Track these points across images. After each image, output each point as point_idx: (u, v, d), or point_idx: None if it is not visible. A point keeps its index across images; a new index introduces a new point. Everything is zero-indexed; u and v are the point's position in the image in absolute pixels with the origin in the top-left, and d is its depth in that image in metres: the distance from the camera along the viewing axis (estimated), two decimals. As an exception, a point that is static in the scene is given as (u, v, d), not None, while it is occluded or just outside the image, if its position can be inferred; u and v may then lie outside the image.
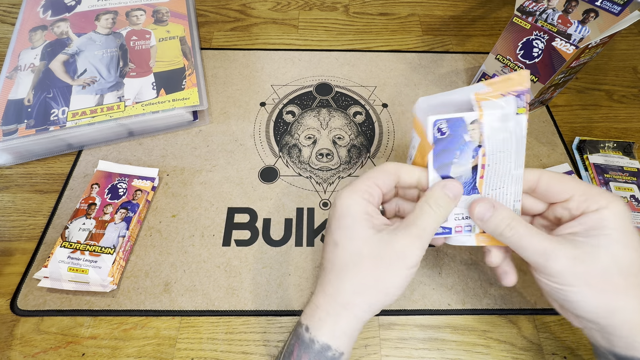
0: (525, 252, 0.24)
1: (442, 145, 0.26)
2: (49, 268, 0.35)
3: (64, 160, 0.45)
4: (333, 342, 0.26)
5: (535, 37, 0.42)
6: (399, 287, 0.26)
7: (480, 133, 0.25)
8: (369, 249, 0.25)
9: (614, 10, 0.36)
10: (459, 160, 0.26)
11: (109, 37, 0.50)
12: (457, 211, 0.28)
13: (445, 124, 0.25)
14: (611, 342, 0.24)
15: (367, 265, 0.25)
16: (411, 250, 0.25)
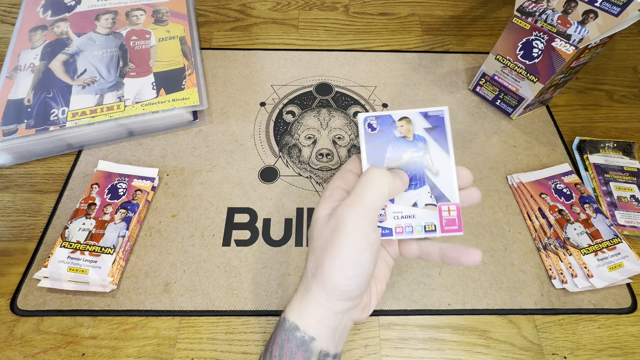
0: None
1: (373, 140, 0.27)
2: (48, 268, 0.35)
3: (63, 160, 0.45)
4: (300, 322, 0.26)
5: (535, 37, 0.42)
6: (345, 268, 0.24)
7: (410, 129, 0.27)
8: (317, 230, 0.25)
9: (613, 11, 0.36)
10: (391, 155, 0.27)
11: (109, 37, 0.50)
12: (396, 209, 0.26)
13: (374, 120, 0.27)
14: None
15: (316, 247, 0.25)
16: (347, 220, 0.23)
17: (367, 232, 0.24)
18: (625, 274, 0.37)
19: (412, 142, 0.27)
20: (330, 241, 0.24)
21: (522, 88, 0.46)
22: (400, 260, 0.39)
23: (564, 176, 0.43)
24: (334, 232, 0.24)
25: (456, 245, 0.26)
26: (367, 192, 0.24)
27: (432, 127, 0.27)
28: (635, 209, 0.42)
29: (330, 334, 0.26)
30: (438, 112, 0.27)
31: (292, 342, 0.26)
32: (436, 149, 0.27)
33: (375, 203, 0.24)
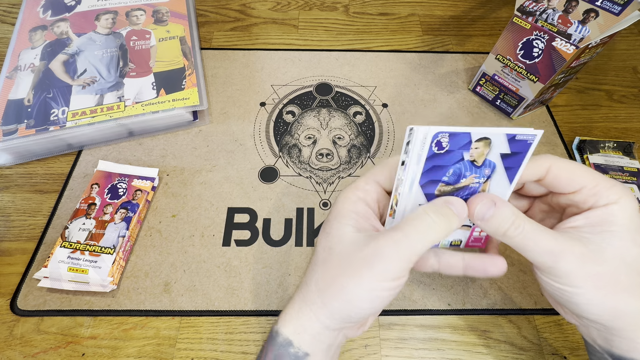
0: (531, 252, 0.22)
1: (436, 161, 0.22)
2: (48, 268, 0.35)
3: (63, 160, 0.45)
4: (295, 338, 0.24)
5: (536, 37, 0.42)
6: (364, 300, 0.22)
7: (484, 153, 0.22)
8: (340, 248, 0.23)
9: (614, 10, 0.36)
10: (449, 179, 0.23)
11: (109, 37, 0.50)
12: None
13: (447, 138, 0.21)
14: (610, 343, 0.23)
15: (334, 264, 0.23)
16: (385, 258, 0.22)
17: (401, 275, 0.22)
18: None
19: (479, 168, 0.22)
20: (358, 268, 0.22)
21: (522, 88, 0.46)
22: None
23: (564, 176, 0.43)
24: (365, 261, 0.22)
25: (480, 254, 0.25)
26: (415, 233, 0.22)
27: (511, 154, 0.22)
28: (635, 209, 0.42)
29: (325, 350, 0.25)
30: (528, 137, 0.21)
31: (284, 358, 0.24)
32: (502, 178, 0.23)
33: (421, 248, 0.22)
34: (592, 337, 0.24)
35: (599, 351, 0.24)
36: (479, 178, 0.23)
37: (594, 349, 0.25)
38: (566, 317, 0.26)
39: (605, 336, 0.23)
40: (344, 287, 0.23)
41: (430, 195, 0.23)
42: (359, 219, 0.24)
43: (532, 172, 0.24)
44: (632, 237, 0.22)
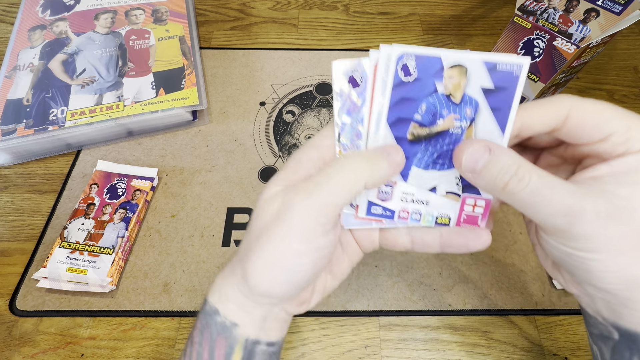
0: (541, 213, 0.18)
1: (404, 92, 0.18)
2: (47, 268, 0.35)
3: (62, 160, 0.45)
4: (220, 306, 0.22)
5: (536, 36, 0.42)
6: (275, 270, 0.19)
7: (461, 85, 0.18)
8: (259, 209, 0.20)
9: (615, 10, 0.36)
10: (422, 118, 0.19)
11: (108, 37, 0.50)
12: (407, 189, 0.20)
13: (413, 61, 0.18)
14: (619, 315, 0.20)
15: (253, 228, 0.21)
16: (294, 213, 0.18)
17: (314, 234, 0.19)
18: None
19: (458, 105, 0.19)
20: (267, 230, 0.19)
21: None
22: (400, 260, 0.39)
23: (565, 176, 0.43)
24: (273, 221, 0.19)
25: (459, 228, 0.21)
26: (330, 180, 0.18)
27: (495, 90, 0.18)
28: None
29: (257, 322, 0.22)
30: (511, 67, 0.17)
31: (211, 327, 0.22)
32: (489, 122, 0.18)
33: (338, 198, 0.18)
34: (597, 308, 0.21)
35: (602, 323, 0.21)
36: (460, 120, 0.19)
37: (596, 320, 0.21)
38: (565, 284, 0.22)
39: (614, 308, 0.20)
40: (256, 257, 0.20)
41: (402, 140, 0.19)
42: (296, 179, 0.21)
43: (547, 119, 0.18)
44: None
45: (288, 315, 0.24)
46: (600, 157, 0.19)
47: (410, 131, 0.19)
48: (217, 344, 0.22)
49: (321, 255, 0.20)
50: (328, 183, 0.18)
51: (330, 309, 0.36)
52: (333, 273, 0.25)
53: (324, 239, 0.19)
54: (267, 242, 0.19)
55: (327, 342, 0.35)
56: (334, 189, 0.18)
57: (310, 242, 0.19)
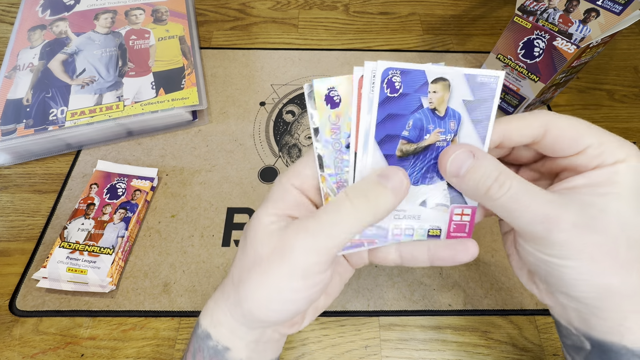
0: (519, 219, 0.18)
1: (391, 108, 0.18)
2: (47, 268, 0.35)
3: (62, 160, 0.45)
4: (212, 331, 0.22)
5: (536, 36, 0.42)
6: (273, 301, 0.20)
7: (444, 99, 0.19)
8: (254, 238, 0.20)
9: (615, 10, 0.36)
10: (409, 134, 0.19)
11: (108, 37, 0.50)
12: (400, 206, 0.20)
13: (398, 76, 0.18)
14: (590, 325, 0.20)
15: (248, 257, 0.21)
16: (295, 252, 0.18)
17: (312, 272, 0.19)
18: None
19: (442, 119, 0.19)
20: (266, 262, 0.19)
21: (523, 87, 0.46)
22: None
23: (565, 176, 0.43)
24: (273, 254, 0.19)
25: (448, 241, 0.21)
26: (335, 221, 0.18)
27: (474, 101, 0.19)
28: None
29: (249, 345, 0.23)
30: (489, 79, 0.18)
31: (204, 352, 0.22)
32: (471, 133, 0.19)
33: (339, 241, 0.19)
34: (569, 318, 0.21)
35: (575, 334, 0.21)
36: (445, 134, 0.19)
37: (569, 331, 0.22)
38: (539, 295, 0.22)
39: (585, 317, 0.20)
40: (253, 285, 0.20)
41: (391, 158, 0.19)
42: (287, 208, 0.21)
43: (526, 132, 0.19)
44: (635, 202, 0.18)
45: (281, 336, 0.25)
46: (576, 170, 0.19)
47: (399, 148, 0.19)
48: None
49: (317, 289, 0.20)
50: (330, 226, 0.18)
51: (330, 309, 0.36)
52: (326, 293, 0.25)
53: (321, 276, 0.20)
54: (266, 275, 0.19)
55: (327, 342, 0.35)
56: (336, 232, 0.18)
57: (308, 280, 0.19)
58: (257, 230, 0.20)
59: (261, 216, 0.21)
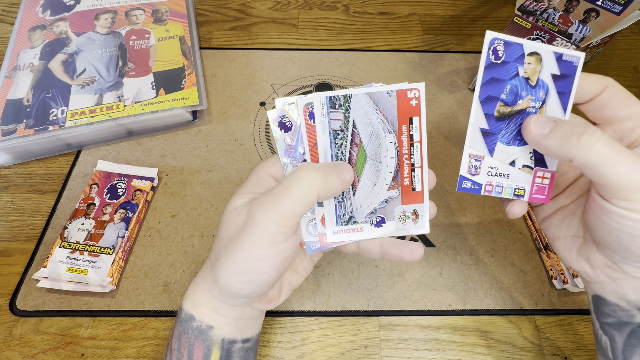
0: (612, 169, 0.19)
1: (494, 72, 0.23)
2: (48, 268, 0.35)
3: (63, 160, 0.45)
4: (195, 312, 0.24)
5: (536, 36, 0.42)
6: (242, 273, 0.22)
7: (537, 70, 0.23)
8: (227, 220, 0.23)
9: (615, 10, 0.36)
10: (506, 97, 0.23)
11: (108, 37, 0.50)
12: (493, 163, 0.24)
13: (502, 45, 0.22)
14: None
15: (221, 238, 0.23)
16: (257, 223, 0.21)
17: (275, 240, 0.21)
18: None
19: (533, 88, 0.23)
20: (235, 239, 0.22)
21: (522, 87, 0.46)
22: (400, 260, 0.39)
23: (564, 176, 0.43)
24: (240, 230, 0.22)
25: (397, 241, 0.25)
26: (288, 194, 0.21)
27: (560, 76, 0.23)
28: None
29: (231, 322, 0.25)
30: (573, 58, 0.22)
31: (189, 333, 0.24)
32: (555, 104, 0.23)
33: (295, 209, 0.21)
34: (623, 292, 0.22)
35: (625, 309, 0.22)
36: (535, 101, 0.23)
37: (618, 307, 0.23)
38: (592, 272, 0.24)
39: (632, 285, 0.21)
40: (224, 262, 0.22)
41: (490, 118, 0.24)
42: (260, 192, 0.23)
43: (590, 87, 0.23)
44: None
45: (260, 312, 0.27)
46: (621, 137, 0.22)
47: (497, 109, 0.23)
48: (195, 348, 0.24)
49: (283, 258, 0.22)
50: (286, 195, 0.21)
51: (330, 309, 0.36)
52: (297, 272, 0.28)
53: (284, 244, 0.22)
54: (235, 249, 0.22)
55: (327, 342, 0.35)
56: (291, 201, 0.21)
57: (273, 247, 0.21)
58: (230, 213, 0.23)
59: (234, 200, 0.23)
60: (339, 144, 0.23)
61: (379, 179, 0.24)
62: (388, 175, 0.24)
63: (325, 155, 0.23)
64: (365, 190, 0.24)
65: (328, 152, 0.23)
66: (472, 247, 0.40)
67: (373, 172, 0.24)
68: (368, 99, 0.23)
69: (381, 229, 0.25)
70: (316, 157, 0.24)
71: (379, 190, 0.24)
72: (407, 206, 0.25)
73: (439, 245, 0.40)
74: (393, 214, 0.25)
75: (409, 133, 0.23)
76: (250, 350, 0.27)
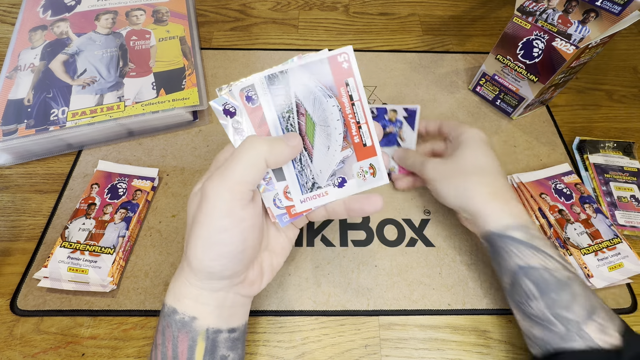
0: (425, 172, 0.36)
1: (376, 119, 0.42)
2: (48, 268, 0.35)
3: (63, 160, 0.45)
4: (177, 305, 0.25)
5: (536, 37, 0.42)
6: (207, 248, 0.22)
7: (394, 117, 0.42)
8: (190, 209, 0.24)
9: (614, 10, 0.36)
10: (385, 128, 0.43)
11: (109, 37, 0.50)
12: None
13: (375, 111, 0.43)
14: (477, 225, 0.33)
15: (188, 222, 0.24)
16: (212, 195, 0.22)
17: (232, 208, 0.22)
18: (625, 274, 0.37)
19: (394, 123, 0.42)
20: (195, 218, 0.23)
21: (522, 88, 0.46)
22: (400, 260, 0.39)
23: (564, 176, 0.43)
24: (198, 209, 0.22)
25: (357, 196, 0.27)
26: (235, 163, 0.22)
27: (408, 117, 0.41)
28: (635, 209, 0.42)
29: (214, 311, 0.25)
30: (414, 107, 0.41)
31: (172, 327, 0.24)
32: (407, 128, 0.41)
33: (245, 176, 0.22)
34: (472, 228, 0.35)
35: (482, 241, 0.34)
36: (396, 128, 0.42)
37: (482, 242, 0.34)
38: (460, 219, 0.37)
39: (472, 222, 0.34)
40: (192, 243, 0.23)
41: None
42: None
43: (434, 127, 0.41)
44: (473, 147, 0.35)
45: (244, 299, 0.27)
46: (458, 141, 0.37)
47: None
48: (180, 340, 0.24)
49: (245, 226, 0.23)
50: (235, 164, 0.22)
51: (330, 309, 0.36)
52: (275, 252, 0.29)
53: (243, 212, 0.22)
54: (197, 226, 0.22)
55: (327, 342, 0.35)
56: (241, 168, 0.22)
57: (232, 216, 0.22)
58: (190, 199, 0.24)
59: (194, 187, 0.25)
60: (286, 117, 0.25)
61: (330, 142, 0.26)
62: (338, 137, 0.26)
63: (277, 130, 0.25)
64: (321, 155, 0.26)
65: (278, 126, 0.25)
66: (471, 246, 0.40)
67: (324, 137, 0.25)
68: (304, 70, 0.24)
69: (344, 189, 0.27)
70: (266, 134, 0.25)
71: (333, 152, 0.26)
72: (362, 162, 0.26)
73: (438, 245, 0.40)
74: (352, 172, 0.27)
75: (348, 94, 0.25)
76: (237, 340, 0.27)
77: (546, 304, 0.28)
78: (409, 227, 0.41)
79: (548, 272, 0.29)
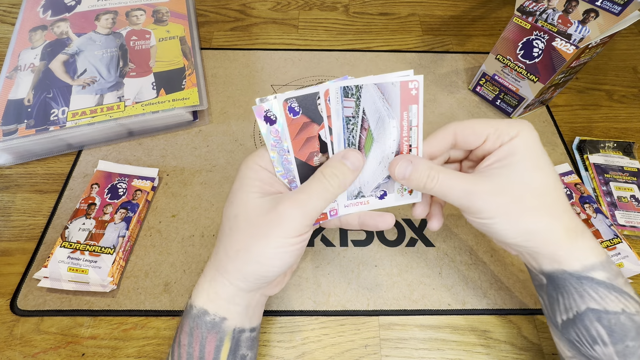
0: (450, 197, 0.25)
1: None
2: (48, 268, 0.35)
3: (63, 160, 0.45)
4: (209, 306, 0.26)
5: (536, 37, 0.42)
6: (274, 258, 0.25)
7: None
8: (246, 213, 0.25)
9: (614, 10, 0.36)
10: None
11: (109, 37, 0.50)
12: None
13: None
14: (539, 262, 0.27)
15: (242, 230, 0.25)
16: (289, 218, 0.24)
17: (303, 230, 0.25)
18: (625, 274, 0.37)
19: None
20: (265, 231, 0.24)
21: (522, 88, 0.46)
22: (400, 260, 0.39)
23: (564, 176, 0.43)
24: (270, 224, 0.24)
25: (372, 213, 0.28)
26: (314, 193, 0.25)
27: None
28: (635, 209, 0.42)
29: (242, 311, 0.27)
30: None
31: (201, 328, 0.25)
32: None
33: (320, 206, 0.25)
34: (527, 260, 0.28)
35: (535, 273, 0.28)
36: None
37: (533, 273, 0.28)
38: (507, 249, 0.29)
39: (532, 257, 0.27)
40: (254, 249, 0.24)
41: None
42: (263, 185, 0.26)
43: (443, 141, 0.27)
44: (534, 163, 0.25)
45: (265, 298, 0.30)
46: (490, 152, 0.26)
47: None
48: (208, 341, 0.25)
49: (304, 244, 0.26)
50: (314, 197, 0.24)
51: (330, 309, 0.36)
52: None
53: (307, 234, 0.25)
54: (266, 238, 0.24)
55: (327, 342, 0.35)
56: (317, 201, 0.25)
57: (300, 236, 0.25)
58: (248, 208, 0.25)
59: (245, 196, 0.25)
60: (350, 129, 0.26)
61: (383, 158, 0.27)
62: (391, 155, 0.27)
63: (339, 139, 0.26)
64: (372, 168, 0.27)
65: (341, 136, 0.26)
66: (471, 246, 0.40)
67: (378, 153, 0.27)
68: (376, 89, 0.26)
69: (384, 201, 0.29)
70: (298, 148, 0.26)
71: (383, 168, 0.27)
72: None
73: (438, 245, 0.40)
74: (394, 188, 0.29)
75: (409, 119, 0.26)
76: (255, 339, 0.28)
77: (617, 351, 0.24)
78: (409, 227, 0.41)
79: (627, 317, 0.25)
